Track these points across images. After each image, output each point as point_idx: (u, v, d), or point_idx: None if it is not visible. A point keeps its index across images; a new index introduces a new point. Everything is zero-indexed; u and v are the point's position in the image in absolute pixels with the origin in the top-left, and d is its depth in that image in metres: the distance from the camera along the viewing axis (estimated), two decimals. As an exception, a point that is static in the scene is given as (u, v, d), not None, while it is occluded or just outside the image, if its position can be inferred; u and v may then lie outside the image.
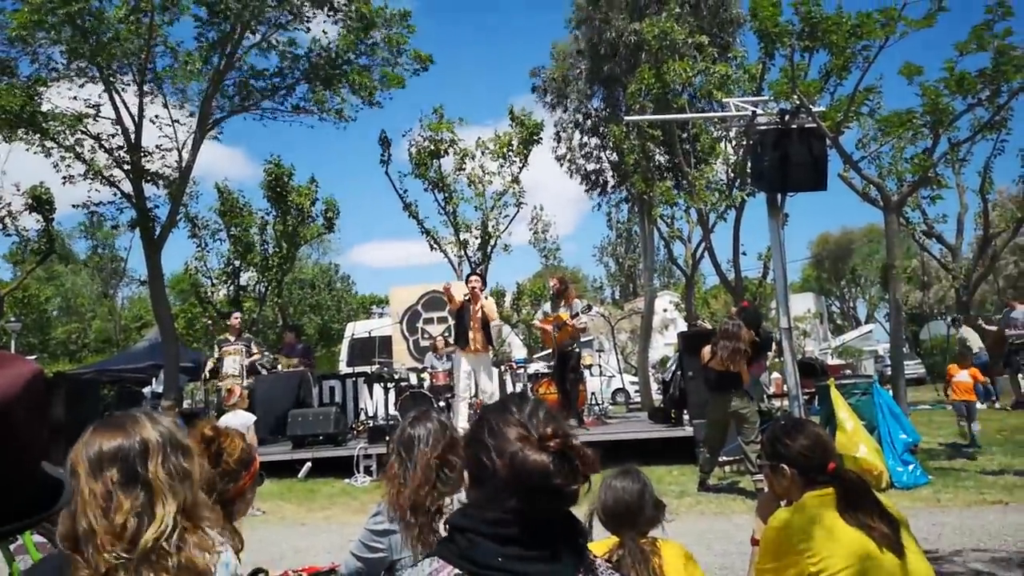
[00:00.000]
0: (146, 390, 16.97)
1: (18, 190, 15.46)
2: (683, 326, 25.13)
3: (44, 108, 13.22)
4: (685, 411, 9.86)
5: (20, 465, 0.84)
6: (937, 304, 32.92)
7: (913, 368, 24.58)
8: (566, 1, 22.54)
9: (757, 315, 9.15)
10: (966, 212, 18.63)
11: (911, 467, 7.27)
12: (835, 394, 7.19)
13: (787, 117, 7.99)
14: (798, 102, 7.96)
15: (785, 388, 8.78)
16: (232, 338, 11.41)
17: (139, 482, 1.33)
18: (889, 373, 14.27)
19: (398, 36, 14.65)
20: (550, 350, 10.96)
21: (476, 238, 17.60)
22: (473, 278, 9.75)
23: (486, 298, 9.57)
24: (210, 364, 11.50)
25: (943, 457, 8.53)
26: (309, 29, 14.62)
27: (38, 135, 13.18)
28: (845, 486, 2.27)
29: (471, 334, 9.34)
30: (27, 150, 13.52)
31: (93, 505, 1.27)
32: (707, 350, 7.46)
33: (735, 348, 7.06)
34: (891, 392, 8.48)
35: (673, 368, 10.98)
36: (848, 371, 17.05)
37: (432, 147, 17.18)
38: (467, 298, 9.51)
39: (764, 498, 2.71)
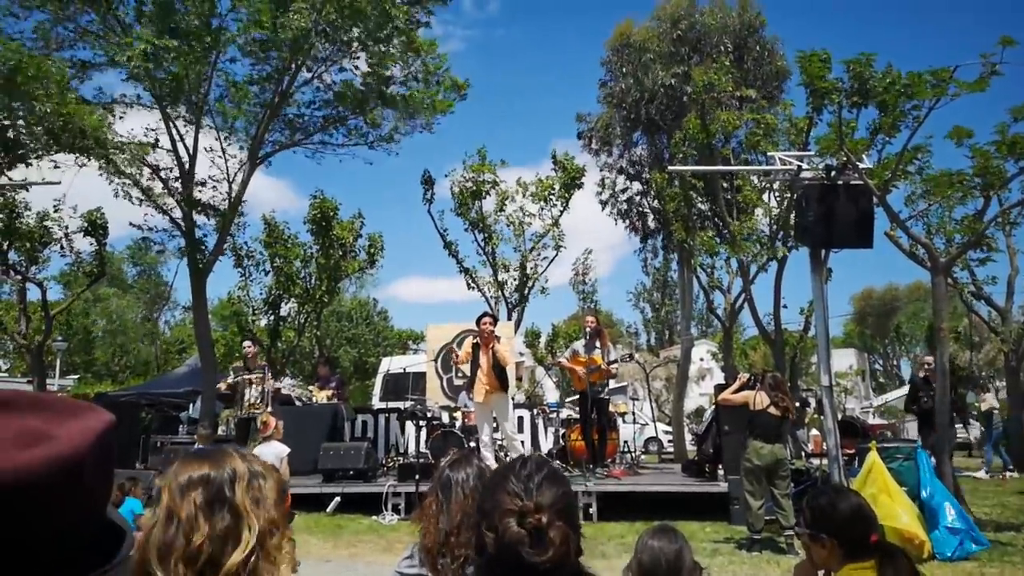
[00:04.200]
0: (183, 415, 17.20)
1: (75, 212, 16.10)
2: (720, 377, 24.75)
3: (111, 138, 13.74)
4: (720, 466, 9.67)
5: (85, 518, 0.86)
6: (986, 367, 31.96)
7: (959, 433, 23.79)
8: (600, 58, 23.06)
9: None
10: (1017, 275, 18.16)
11: (957, 537, 6.96)
12: (876, 459, 6.98)
13: (833, 173, 7.95)
14: (845, 158, 7.91)
15: (824, 447, 8.56)
16: (250, 367, 11.25)
17: (225, 505, 1.37)
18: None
19: (436, 65, 14.93)
20: (577, 394, 10.85)
21: (514, 279, 17.67)
22: (485, 320, 9.54)
23: (498, 340, 9.39)
24: (223, 387, 11.35)
25: (989, 529, 8.19)
26: (357, 67, 15.00)
27: (104, 163, 13.66)
28: (887, 560, 2.20)
29: (481, 378, 9.19)
30: (99, 174, 14.03)
31: (173, 527, 1.31)
32: (761, 397, 7.39)
33: (791, 397, 7.24)
34: (935, 458, 8.20)
35: (709, 421, 10.80)
36: (889, 432, 16.59)
37: (474, 188, 17.41)
38: (475, 342, 9.35)
39: (801, 567, 2.64)
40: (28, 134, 12.77)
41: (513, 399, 10.99)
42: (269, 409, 10.72)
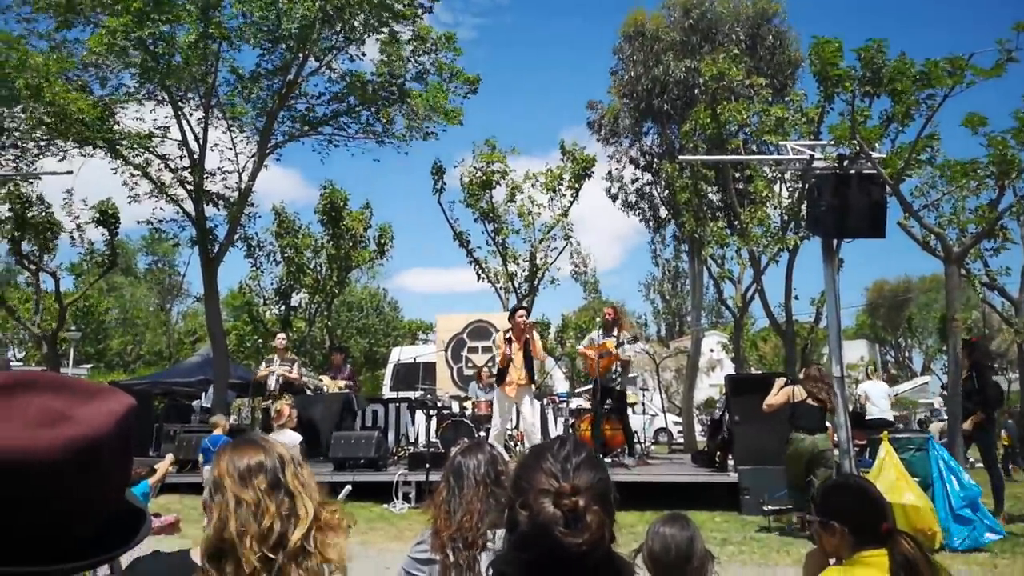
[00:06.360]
0: (195, 404, 17.32)
1: (85, 204, 16.25)
2: (730, 368, 24.70)
3: (117, 127, 13.80)
4: (730, 456, 9.66)
5: (104, 499, 0.87)
6: (999, 358, 31.76)
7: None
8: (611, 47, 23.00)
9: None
10: (1031, 265, 18.02)
11: (968, 527, 6.93)
12: (888, 449, 6.96)
13: (846, 162, 7.88)
14: (858, 147, 7.85)
15: (836, 439, 8.54)
16: (277, 359, 11.54)
17: (282, 488, 1.51)
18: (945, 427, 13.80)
19: (450, 64, 14.92)
20: (590, 385, 10.88)
21: (524, 270, 17.65)
22: (520, 313, 9.57)
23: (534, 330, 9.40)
24: (262, 371, 11.69)
25: (1001, 520, 8.16)
26: (364, 54, 14.99)
27: (110, 153, 13.73)
28: (898, 549, 2.19)
29: (512, 372, 9.21)
30: (101, 159, 14.15)
31: (244, 511, 1.45)
32: (798, 389, 7.53)
33: (832, 387, 7.34)
34: (948, 448, 8.18)
35: (721, 411, 10.79)
36: (902, 424, 16.54)
37: (484, 178, 17.37)
38: (508, 337, 9.35)
39: (813, 554, 2.64)
40: (27, 124, 12.91)
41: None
42: (286, 399, 10.89)
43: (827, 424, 7.85)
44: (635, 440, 11.62)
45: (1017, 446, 14.67)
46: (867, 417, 12.06)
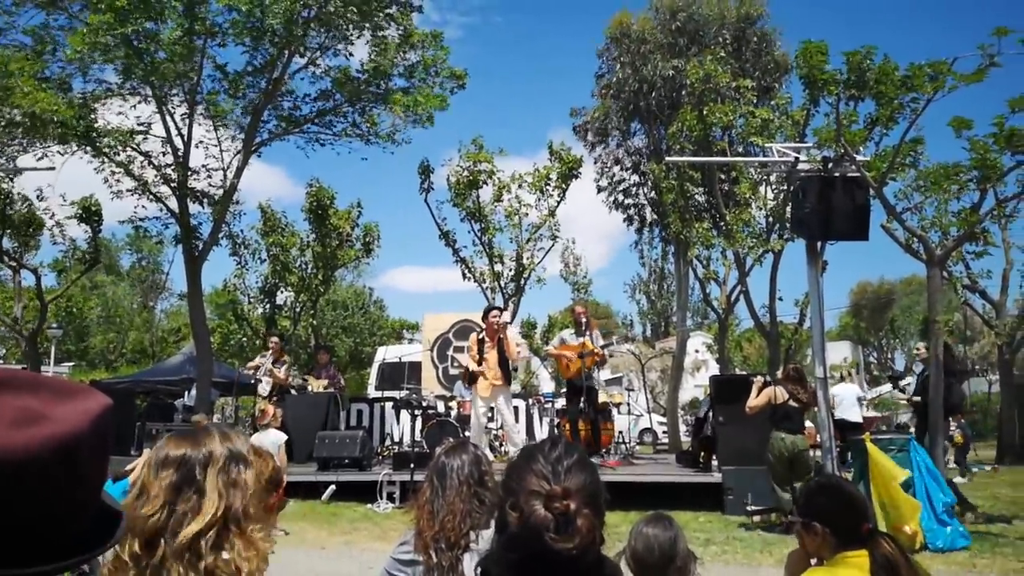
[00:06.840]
0: (178, 403, 17.20)
1: (65, 200, 16.06)
2: (715, 368, 24.84)
3: (97, 124, 13.64)
4: (714, 456, 9.72)
5: (81, 500, 0.86)
6: (980, 360, 32.11)
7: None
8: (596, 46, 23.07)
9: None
10: (1011, 268, 18.28)
11: (948, 529, 7.04)
12: (874, 450, 7.04)
13: (830, 165, 7.94)
14: (842, 150, 7.91)
15: (818, 439, 8.61)
16: (270, 356, 11.60)
17: (193, 487, 1.41)
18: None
19: (434, 57, 14.91)
20: (564, 386, 10.90)
21: (510, 269, 17.63)
22: (494, 313, 9.61)
23: (508, 330, 9.41)
24: (255, 360, 12.00)
25: (980, 521, 8.25)
26: (352, 55, 14.95)
27: (91, 150, 13.59)
28: (879, 549, 2.21)
29: (487, 373, 9.21)
30: (81, 158, 13.98)
31: (141, 500, 1.39)
32: (779, 391, 7.61)
33: (812, 389, 7.52)
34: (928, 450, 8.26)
35: (705, 412, 10.85)
36: (884, 426, 16.68)
37: (471, 177, 17.33)
38: (481, 337, 9.38)
39: (795, 555, 2.66)
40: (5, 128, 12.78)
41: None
42: (272, 397, 10.91)
43: (806, 424, 7.94)
44: (615, 442, 11.67)
45: (970, 446, 14.85)
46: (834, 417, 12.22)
